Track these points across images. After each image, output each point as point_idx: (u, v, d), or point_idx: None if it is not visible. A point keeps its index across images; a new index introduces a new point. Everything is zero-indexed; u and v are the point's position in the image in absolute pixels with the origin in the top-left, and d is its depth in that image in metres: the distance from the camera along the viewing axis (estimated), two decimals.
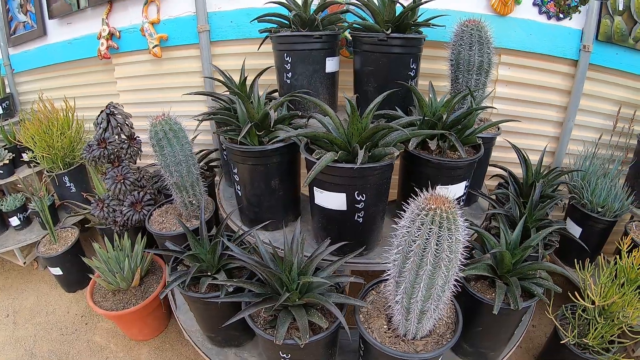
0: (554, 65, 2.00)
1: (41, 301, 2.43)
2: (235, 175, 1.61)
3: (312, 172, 1.32)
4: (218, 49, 2.16)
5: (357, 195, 1.42)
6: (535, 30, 1.94)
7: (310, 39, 1.66)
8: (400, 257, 1.10)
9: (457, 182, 1.60)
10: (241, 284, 1.38)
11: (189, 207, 1.80)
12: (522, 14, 1.93)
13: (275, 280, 1.33)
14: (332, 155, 1.35)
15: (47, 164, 2.43)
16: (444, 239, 1.00)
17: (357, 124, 1.41)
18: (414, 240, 1.03)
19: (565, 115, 2.07)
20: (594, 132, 2.14)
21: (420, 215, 1.02)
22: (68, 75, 2.68)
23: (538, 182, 1.85)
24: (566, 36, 1.95)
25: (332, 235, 1.51)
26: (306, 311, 1.32)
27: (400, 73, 1.67)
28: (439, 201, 1.01)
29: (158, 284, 2.05)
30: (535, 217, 1.76)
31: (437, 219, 1.00)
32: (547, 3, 1.94)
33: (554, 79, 2.03)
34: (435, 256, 1.03)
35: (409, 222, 1.06)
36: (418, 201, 1.05)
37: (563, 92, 2.05)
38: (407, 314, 1.21)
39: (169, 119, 1.68)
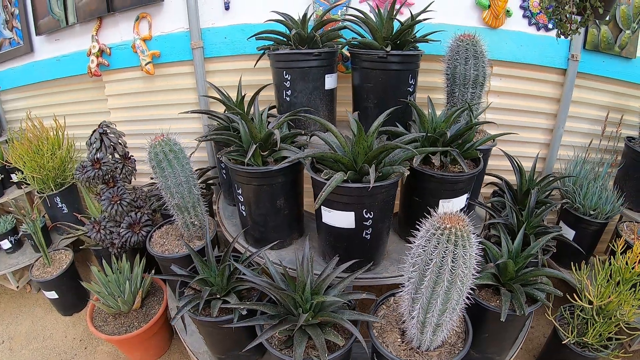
0: (543, 75, 2.04)
1: (37, 326, 2.34)
2: (239, 196, 1.59)
3: (322, 194, 1.31)
4: (212, 65, 2.13)
5: (365, 213, 1.42)
6: (526, 42, 1.98)
7: (310, 56, 1.65)
8: (416, 274, 1.12)
9: (459, 195, 1.61)
10: (254, 306, 1.36)
11: (191, 228, 1.76)
12: (512, 26, 1.97)
13: (288, 301, 1.31)
14: (341, 175, 1.34)
15: (38, 185, 2.34)
16: (460, 256, 1.03)
17: (363, 142, 1.41)
18: (431, 259, 1.05)
19: (555, 123, 2.11)
20: (582, 137, 2.20)
21: (436, 234, 1.04)
22: (57, 93, 2.59)
23: (533, 189, 1.89)
24: (555, 46, 2.00)
25: (339, 252, 1.51)
26: (321, 329, 1.31)
27: (400, 89, 1.68)
28: (453, 220, 1.03)
29: (159, 305, 2.00)
30: (532, 224, 1.80)
31: (453, 237, 1.02)
32: (537, 15, 1.98)
33: (544, 87, 2.07)
34: (452, 273, 1.05)
35: (425, 241, 1.08)
36: (433, 220, 1.07)
37: (552, 100, 2.10)
38: (423, 327, 1.22)
39: (168, 139, 1.65)
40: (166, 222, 1.96)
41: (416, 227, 1.70)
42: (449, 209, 1.64)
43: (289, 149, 1.53)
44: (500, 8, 1.91)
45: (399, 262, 1.64)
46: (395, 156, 1.47)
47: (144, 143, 2.41)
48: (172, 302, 1.95)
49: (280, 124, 1.57)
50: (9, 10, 2.51)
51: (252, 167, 1.49)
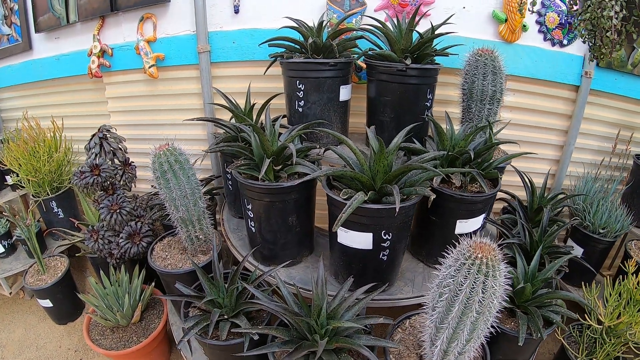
0: (556, 91, 1.93)
1: (30, 334, 2.15)
2: (248, 212, 1.43)
3: (342, 215, 1.18)
4: (218, 71, 1.96)
5: (383, 235, 1.30)
6: (541, 57, 1.86)
7: (326, 66, 1.50)
8: (444, 304, 1.03)
9: (476, 215, 1.49)
10: (266, 330, 1.21)
11: (196, 242, 1.60)
12: (528, 41, 1.85)
13: (303, 326, 1.17)
14: (362, 196, 1.21)
15: (33, 189, 2.15)
16: (490, 287, 0.94)
17: (383, 160, 1.27)
18: (460, 290, 0.97)
19: (566, 139, 2.00)
20: (592, 154, 2.10)
21: (466, 264, 0.96)
22: (55, 93, 2.39)
23: (545, 206, 1.78)
24: (569, 62, 1.89)
25: (353, 272, 1.38)
26: (337, 356, 1.18)
27: (418, 103, 1.55)
28: (484, 249, 0.95)
29: (159, 319, 1.83)
30: (545, 244, 1.68)
31: (484, 267, 0.93)
32: (553, 30, 1.86)
33: (556, 103, 1.96)
34: (481, 304, 0.97)
35: (454, 271, 0.98)
36: (462, 249, 0.98)
37: (564, 116, 1.99)
38: (445, 355, 1.13)
39: (173, 149, 1.49)
40: (168, 233, 1.79)
41: (431, 247, 1.58)
42: (466, 229, 1.53)
43: (304, 165, 1.38)
44: (517, 22, 1.79)
45: (413, 282, 1.52)
46: (415, 175, 1.34)
47: (144, 148, 2.25)
48: (173, 317, 1.79)
49: (294, 137, 1.42)
50: (8, 6, 2.31)
51: (264, 183, 1.33)
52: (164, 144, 1.51)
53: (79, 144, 2.28)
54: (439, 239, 1.53)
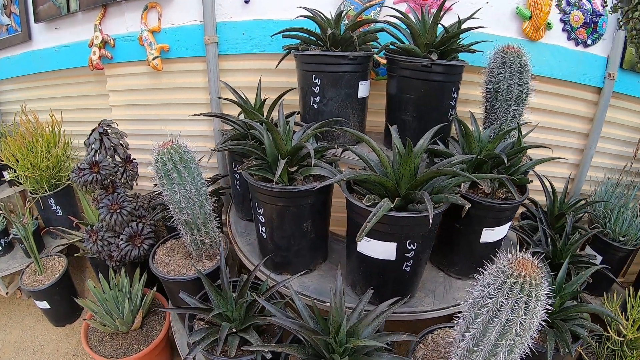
0: (578, 92, 1.77)
1: (26, 336, 1.97)
2: (260, 216, 1.26)
3: (367, 225, 1.02)
4: (227, 64, 1.78)
5: (408, 245, 1.15)
6: (564, 57, 1.70)
7: (345, 59, 1.33)
8: (480, 325, 0.88)
9: (503, 223, 1.34)
10: (280, 348, 1.05)
11: (201, 246, 1.43)
12: (551, 39, 1.68)
13: (320, 344, 1.01)
14: (388, 203, 1.04)
15: (31, 185, 1.96)
16: (532, 307, 0.81)
17: (410, 164, 1.10)
18: (500, 311, 0.83)
19: (586, 142, 1.85)
20: (612, 158, 1.94)
21: (507, 283, 0.82)
22: (55, 86, 2.21)
23: (568, 213, 1.63)
24: (592, 63, 1.73)
25: (372, 283, 1.22)
26: None
27: (443, 102, 1.38)
28: (527, 266, 0.81)
29: (161, 325, 1.66)
30: (568, 253, 1.53)
31: (527, 287, 0.80)
32: (577, 29, 1.69)
33: (578, 106, 1.80)
34: (521, 326, 0.84)
35: (494, 290, 0.83)
36: (502, 266, 0.83)
37: (585, 119, 1.83)
38: None
39: (178, 147, 1.31)
40: (171, 236, 1.62)
41: (453, 256, 1.42)
42: (491, 238, 1.37)
43: (322, 167, 1.21)
44: (542, 20, 1.62)
45: (434, 293, 1.36)
46: (442, 180, 1.17)
47: (147, 144, 2.04)
48: (176, 323, 1.62)
49: (310, 135, 1.25)
50: None
51: (278, 186, 1.16)
52: (167, 141, 1.33)
53: (79, 139, 2.10)
54: (462, 248, 1.37)
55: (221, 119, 1.59)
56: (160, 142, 1.34)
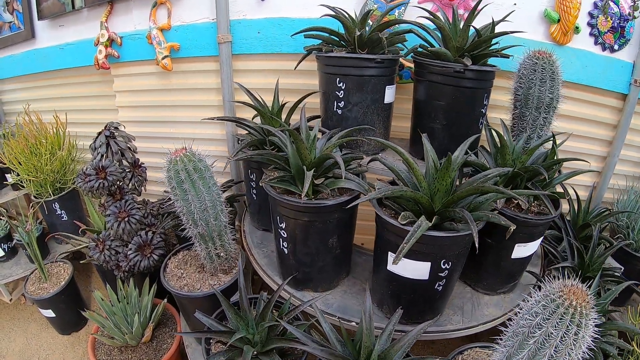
0: (603, 99, 1.63)
1: (31, 344, 1.81)
2: (281, 231, 1.10)
3: (406, 246, 0.86)
4: (240, 64, 1.61)
5: (442, 264, 1.00)
6: (591, 62, 1.55)
7: (371, 62, 1.17)
8: (526, 355, 0.78)
9: (536, 238, 1.20)
10: None
11: (216, 260, 1.26)
12: (578, 44, 1.53)
13: None
14: (426, 223, 0.89)
15: (35, 189, 1.78)
16: (581, 337, 0.72)
17: (446, 178, 0.95)
18: (548, 341, 0.73)
19: (610, 150, 1.70)
20: (634, 166, 1.80)
21: (557, 312, 0.72)
22: (59, 86, 2.02)
23: (594, 224, 1.50)
24: (618, 69, 1.58)
25: (402, 303, 1.08)
26: None
27: (474, 110, 1.23)
28: (577, 295, 0.71)
29: (172, 338, 1.51)
30: (595, 266, 1.39)
31: (577, 317, 0.71)
32: (605, 34, 1.54)
33: (602, 112, 1.65)
34: (569, 355, 0.74)
35: (542, 320, 0.74)
36: (551, 294, 0.74)
37: (609, 125, 1.68)
38: None
39: (192, 154, 1.14)
40: (183, 247, 1.46)
41: (482, 271, 1.27)
42: (523, 254, 1.23)
43: (349, 179, 1.04)
44: (570, 24, 1.46)
45: (462, 310, 1.22)
46: (479, 196, 1.02)
47: (155, 147, 1.88)
48: (188, 337, 1.46)
49: (336, 145, 1.08)
50: None
51: (304, 201, 1.00)
52: (180, 148, 1.16)
53: (84, 141, 1.92)
54: (491, 264, 1.23)
55: (236, 123, 1.42)
56: (172, 148, 1.17)
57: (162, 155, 1.89)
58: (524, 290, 1.32)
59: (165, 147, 1.86)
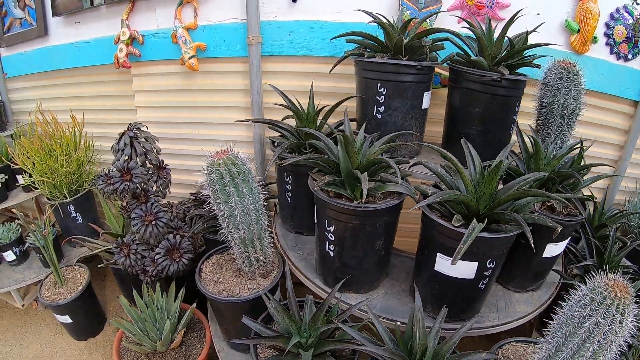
0: (616, 105, 1.73)
1: (46, 351, 1.77)
2: (329, 234, 1.14)
3: (462, 247, 0.91)
4: (269, 65, 1.63)
5: (488, 264, 1.07)
6: (606, 70, 1.65)
7: (412, 69, 1.21)
8: (576, 343, 0.86)
9: (566, 238, 1.28)
10: None
11: (254, 264, 1.28)
12: (595, 53, 1.62)
13: None
14: (480, 225, 0.95)
15: (49, 191, 1.74)
16: (624, 325, 0.81)
17: (492, 183, 1.01)
18: (597, 329, 0.81)
19: (621, 154, 1.82)
20: None
21: (604, 303, 0.81)
22: (72, 85, 1.98)
23: (610, 225, 1.60)
24: (631, 77, 1.69)
25: (446, 302, 1.14)
26: None
27: (507, 117, 1.31)
28: (620, 288, 0.79)
29: (201, 343, 1.52)
30: (614, 264, 1.49)
31: (622, 307, 0.80)
32: (620, 44, 1.64)
33: (615, 118, 1.76)
34: (613, 342, 0.83)
35: (591, 311, 0.82)
36: (598, 288, 0.81)
37: (621, 131, 1.79)
38: None
39: (235, 157, 1.15)
40: (216, 250, 1.46)
41: (513, 270, 1.34)
42: (553, 253, 1.30)
43: (393, 180, 1.09)
44: (589, 34, 1.55)
45: (497, 307, 1.29)
46: (525, 201, 1.09)
47: (176, 149, 1.87)
48: (220, 342, 1.47)
49: (383, 149, 1.13)
50: None
51: (355, 204, 1.04)
52: (220, 150, 1.17)
53: (101, 142, 1.89)
54: (523, 263, 1.30)
55: (270, 125, 1.44)
56: (208, 151, 1.18)
57: (183, 157, 1.90)
58: (549, 288, 1.40)
59: (187, 148, 1.88)
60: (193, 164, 1.88)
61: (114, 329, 1.86)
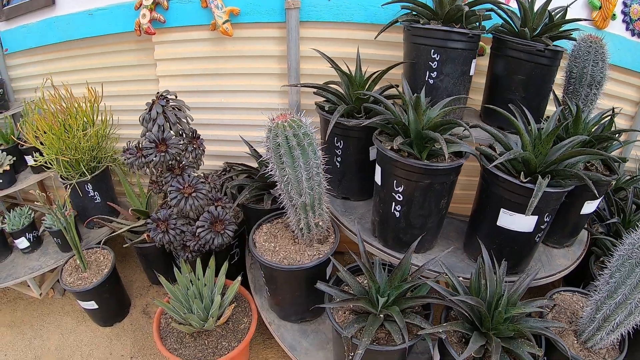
0: (629, 78, 1.95)
1: (69, 340, 1.75)
2: (396, 195, 1.24)
3: (534, 200, 1.09)
4: (306, 32, 1.68)
5: (546, 217, 1.23)
6: (623, 46, 1.86)
7: (464, 37, 1.34)
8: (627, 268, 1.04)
9: (600, 197, 1.46)
10: (449, 327, 1.07)
11: (313, 230, 1.35)
12: (613, 29, 1.83)
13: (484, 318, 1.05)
14: (545, 181, 1.08)
15: (66, 170, 1.70)
16: None
17: (546, 144, 1.18)
18: None
19: (632, 124, 2.05)
20: None
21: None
22: (84, 56, 1.93)
23: (627, 188, 1.82)
24: None
25: (504, 255, 1.29)
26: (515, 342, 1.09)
27: (547, 86, 1.48)
28: None
29: (248, 317, 1.57)
30: (632, 223, 1.71)
31: None
32: (635, 21, 1.85)
33: (627, 90, 1.98)
34: None
35: None
36: None
37: (633, 102, 2.02)
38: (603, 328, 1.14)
39: (298, 120, 1.20)
40: (265, 220, 1.51)
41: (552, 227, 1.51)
42: (589, 210, 1.48)
43: (460, 143, 1.20)
44: (610, 11, 1.75)
45: (541, 261, 1.47)
46: (574, 160, 1.24)
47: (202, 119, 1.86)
48: (269, 314, 1.54)
49: (445, 112, 1.23)
50: None
51: (430, 163, 1.15)
52: (281, 114, 1.22)
53: (118, 115, 1.85)
54: (561, 219, 1.48)
55: (321, 90, 1.50)
56: (274, 116, 1.22)
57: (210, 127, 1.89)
58: (580, 245, 1.59)
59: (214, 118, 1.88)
60: (220, 133, 1.90)
61: (140, 311, 1.86)
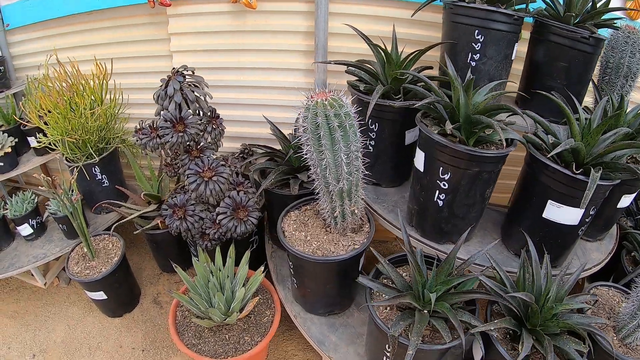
0: None
1: (76, 332, 1.68)
2: (441, 182, 1.20)
3: (589, 192, 1.05)
4: (334, 7, 1.60)
5: (591, 210, 1.22)
6: None
7: (510, 18, 1.29)
8: None
9: (637, 190, 1.45)
10: (500, 324, 1.04)
11: (348, 218, 1.31)
12: None
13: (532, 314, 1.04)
14: (598, 173, 1.06)
15: (72, 152, 1.60)
16: None
17: (595, 136, 1.15)
18: None
19: None
20: None
21: None
22: (91, 31, 1.81)
23: None
24: None
25: (547, 248, 1.27)
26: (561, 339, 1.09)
27: (588, 74, 1.44)
28: None
29: (270, 309, 1.53)
30: None
31: None
32: None
33: None
34: None
35: None
36: None
37: None
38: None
39: (339, 99, 1.14)
40: (292, 206, 1.45)
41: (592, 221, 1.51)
42: (625, 204, 1.48)
43: (509, 131, 1.17)
44: None
45: (576, 254, 1.47)
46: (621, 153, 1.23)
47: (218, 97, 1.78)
48: (294, 307, 1.50)
49: (495, 96, 1.19)
50: None
51: (480, 151, 1.11)
52: (320, 91, 1.15)
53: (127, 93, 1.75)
54: (598, 212, 1.46)
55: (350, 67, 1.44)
56: (311, 95, 1.15)
57: (228, 106, 1.81)
58: (611, 239, 1.59)
59: (233, 96, 1.80)
60: (238, 113, 1.84)
61: (151, 301, 1.80)
